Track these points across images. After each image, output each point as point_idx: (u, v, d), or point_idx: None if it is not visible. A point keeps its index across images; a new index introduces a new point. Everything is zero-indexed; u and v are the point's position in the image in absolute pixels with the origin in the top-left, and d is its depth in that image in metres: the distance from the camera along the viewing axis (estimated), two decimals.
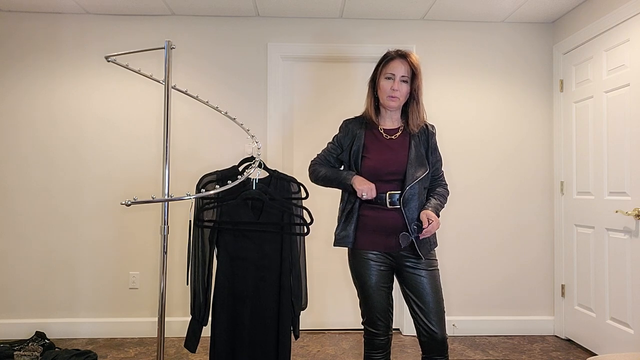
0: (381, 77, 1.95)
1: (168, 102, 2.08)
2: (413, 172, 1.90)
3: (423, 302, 1.88)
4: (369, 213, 1.93)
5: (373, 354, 1.97)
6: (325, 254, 3.52)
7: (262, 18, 3.51)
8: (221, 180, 2.17)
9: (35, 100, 3.41)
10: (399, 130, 2.00)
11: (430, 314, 1.87)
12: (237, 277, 2.14)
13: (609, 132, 2.97)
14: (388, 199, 1.90)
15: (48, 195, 3.40)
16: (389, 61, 1.95)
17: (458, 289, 3.50)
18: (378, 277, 1.92)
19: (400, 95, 1.93)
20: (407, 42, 3.51)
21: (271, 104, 3.47)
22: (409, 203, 1.89)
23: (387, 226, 1.90)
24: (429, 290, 1.88)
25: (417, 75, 1.93)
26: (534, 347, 3.24)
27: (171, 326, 3.36)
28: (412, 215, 1.89)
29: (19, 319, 3.36)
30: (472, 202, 3.53)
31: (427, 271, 1.90)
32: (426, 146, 1.99)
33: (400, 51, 1.96)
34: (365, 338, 1.99)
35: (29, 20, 3.42)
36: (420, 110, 1.97)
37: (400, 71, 1.92)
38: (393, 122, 2.02)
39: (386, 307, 1.95)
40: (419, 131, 1.99)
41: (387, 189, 1.91)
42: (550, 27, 3.58)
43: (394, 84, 1.92)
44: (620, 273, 2.84)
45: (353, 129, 2.03)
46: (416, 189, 1.90)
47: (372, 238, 1.92)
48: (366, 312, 1.96)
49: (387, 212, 1.91)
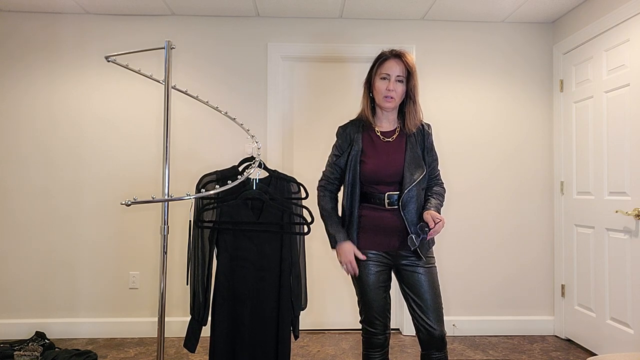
0: (376, 77, 1.95)
1: (168, 102, 2.08)
2: (410, 175, 1.91)
3: (421, 300, 1.89)
4: (369, 213, 1.94)
5: (371, 353, 1.98)
6: (325, 254, 3.52)
7: (262, 18, 3.51)
8: (221, 180, 2.17)
9: (35, 100, 3.41)
10: (396, 132, 1.99)
11: (428, 311, 1.88)
12: (237, 277, 2.14)
13: (609, 132, 2.97)
14: (386, 200, 1.91)
15: (48, 195, 3.40)
16: (383, 61, 1.94)
17: (458, 289, 3.50)
18: (376, 276, 1.93)
19: (396, 95, 1.92)
20: (407, 42, 3.51)
21: (271, 104, 3.47)
22: (407, 205, 1.90)
23: (387, 226, 1.92)
24: (427, 287, 1.90)
25: (413, 75, 1.92)
26: (534, 347, 3.24)
27: (171, 326, 3.36)
28: (411, 217, 1.90)
29: (19, 319, 3.36)
30: (472, 202, 3.53)
31: (425, 269, 1.91)
32: (422, 146, 1.99)
33: (394, 51, 1.94)
34: (364, 337, 2.00)
35: (29, 20, 3.42)
36: (417, 110, 1.96)
37: (395, 71, 1.91)
38: (390, 122, 2.01)
39: (384, 306, 1.96)
40: (415, 131, 1.98)
41: (386, 190, 1.92)
42: (550, 27, 3.58)
43: (389, 84, 1.91)
44: (620, 273, 2.84)
45: (350, 133, 2.01)
46: (414, 191, 1.91)
47: (372, 238, 1.93)
48: (364, 311, 1.97)
49: (386, 212, 1.92)
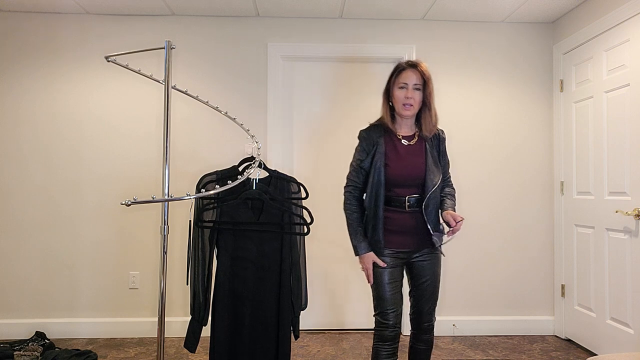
0: (395, 87, 2.07)
1: (168, 102, 2.08)
2: (432, 178, 2.05)
3: (420, 283, 2.09)
4: (391, 215, 2.06)
5: (381, 346, 2.05)
6: (325, 254, 3.52)
7: (262, 18, 3.51)
8: (221, 180, 2.18)
9: (36, 100, 3.42)
10: (415, 137, 2.12)
11: (424, 293, 2.08)
12: (237, 277, 2.15)
13: (609, 132, 2.97)
14: (407, 203, 2.04)
15: (48, 195, 3.40)
16: (400, 72, 2.07)
17: (458, 289, 3.50)
18: (390, 272, 2.05)
19: (414, 102, 2.05)
20: (407, 42, 3.51)
21: (271, 104, 3.47)
22: (428, 207, 2.05)
23: (407, 226, 2.05)
24: (428, 272, 2.08)
25: (428, 83, 2.06)
26: (534, 347, 3.24)
27: (171, 326, 3.36)
28: (432, 217, 2.06)
29: (19, 319, 3.36)
30: (472, 202, 3.53)
31: (430, 256, 2.09)
32: (438, 150, 2.14)
33: (410, 61, 2.09)
34: (375, 330, 2.08)
35: (29, 20, 3.42)
36: (432, 116, 2.09)
37: (412, 80, 2.03)
38: (409, 128, 2.14)
39: (397, 300, 2.06)
40: (431, 136, 2.12)
41: (406, 193, 2.05)
42: (550, 27, 3.58)
43: (407, 93, 2.03)
44: (620, 273, 2.84)
45: (373, 136, 2.11)
46: (434, 193, 2.06)
47: (395, 239, 2.05)
48: (377, 305, 2.06)
49: (406, 214, 2.05)
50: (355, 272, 3.51)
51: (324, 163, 3.56)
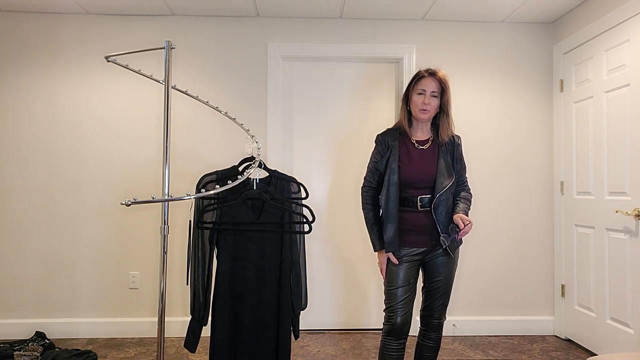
0: (413, 93, 2.16)
1: (168, 102, 2.08)
2: (442, 181, 2.12)
3: (433, 281, 2.16)
4: (405, 215, 2.14)
5: (388, 341, 2.11)
6: (325, 253, 3.52)
7: (262, 18, 3.51)
8: (221, 180, 2.18)
9: (36, 100, 3.41)
10: (429, 141, 2.20)
11: (437, 291, 2.16)
12: (237, 277, 2.15)
13: (609, 132, 2.97)
14: (419, 202, 2.12)
15: (48, 195, 3.40)
16: (420, 79, 2.16)
17: (458, 289, 3.50)
18: (405, 270, 2.12)
19: (430, 108, 2.14)
20: (407, 42, 3.51)
21: (271, 104, 3.47)
22: (438, 208, 2.12)
23: (420, 225, 2.13)
24: (442, 272, 2.15)
25: (446, 91, 2.15)
26: (534, 347, 3.24)
27: (171, 326, 3.36)
28: (441, 218, 2.12)
29: (19, 319, 3.36)
30: (472, 202, 3.52)
31: (445, 258, 2.15)
32: (452, 155, 2.21)
33: (430, 70, 2.17)
34: (384, 325, 2.13)
35: (29, 20, 3.42)
36: (449, 122, 2.18)
37: (430, 87, 2.13)
38: (424, 132, 2.22)
39: (408, 299, 2.11)
40: (447, 141, 2.19)
41: (418, 194, 2.13)
42: (550, 27, 3.58)
43: (424, 99, 2.13)
44: (620, 273, 2.84)
45: (388, 140, 2.20)
46: (444, 195, 2.12)
47: (410, 237, 2.13)
48: (389, 300, 2.12)
49: (419, 214, 2.13)
50: (356, 272, 3.51)
51: (324, 163, 3.56)
